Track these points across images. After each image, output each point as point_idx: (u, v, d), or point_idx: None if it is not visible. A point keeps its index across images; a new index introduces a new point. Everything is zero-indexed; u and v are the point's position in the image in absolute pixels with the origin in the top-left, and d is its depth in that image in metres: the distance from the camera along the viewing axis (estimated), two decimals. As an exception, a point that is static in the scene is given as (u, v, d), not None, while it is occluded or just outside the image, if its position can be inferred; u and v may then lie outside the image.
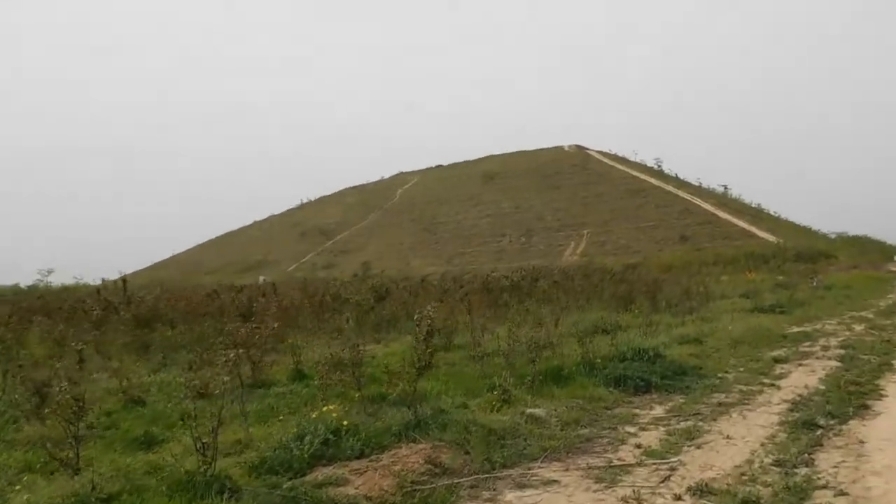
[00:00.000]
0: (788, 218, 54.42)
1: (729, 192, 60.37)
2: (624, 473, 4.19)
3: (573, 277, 19.71)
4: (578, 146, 77.61)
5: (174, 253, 78.91)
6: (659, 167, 67.38)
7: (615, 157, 71.83)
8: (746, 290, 19.70)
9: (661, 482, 3.98)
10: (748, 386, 6.76)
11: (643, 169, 66.21)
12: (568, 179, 65.59)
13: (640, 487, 3.88)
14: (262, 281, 37.03)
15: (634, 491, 3.82)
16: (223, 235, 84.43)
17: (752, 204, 57.51)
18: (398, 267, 46.59)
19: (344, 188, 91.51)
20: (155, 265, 72.33)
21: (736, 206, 54.86)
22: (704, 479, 3.92)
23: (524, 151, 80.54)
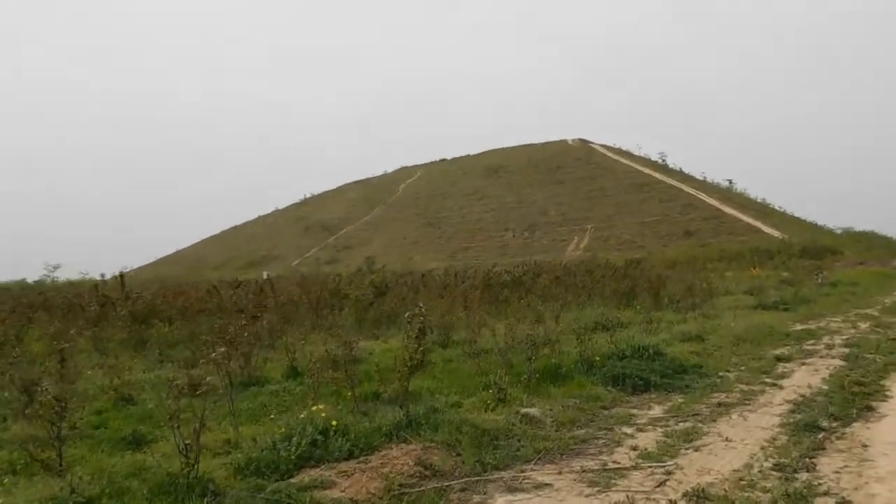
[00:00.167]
0: (794, 213, 54.08)
1: (734, 186, 60.06)
2: (618, 477, 4.07)
3: (575, 273, 19.53)
4: (582, 140, 77.23)
5: (179, 249, 79.20)
6: (663, 161, 67.03)
7: (619, 150, 71.41)
8: (751, 286, 19.53)
9: (656, 487, 3.86)
10: (749, 385, 6.63)
11: (647, 163, 65.82)
12: (571, 173, 65.28)
13: (634, 492, 3.77)
14: (266, 276, 37.04)
15: (628, 496, 3.71)
16: (227, 231, 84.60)
17: (757, 199, 57.14)
18: (402, 262, 46.54)
19: (347, 183, 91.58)
20: (159, 261, 72.63)
21: (741, 200, 54.46)
22: (701, 484, 3.80)
23: (528, 145, 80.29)
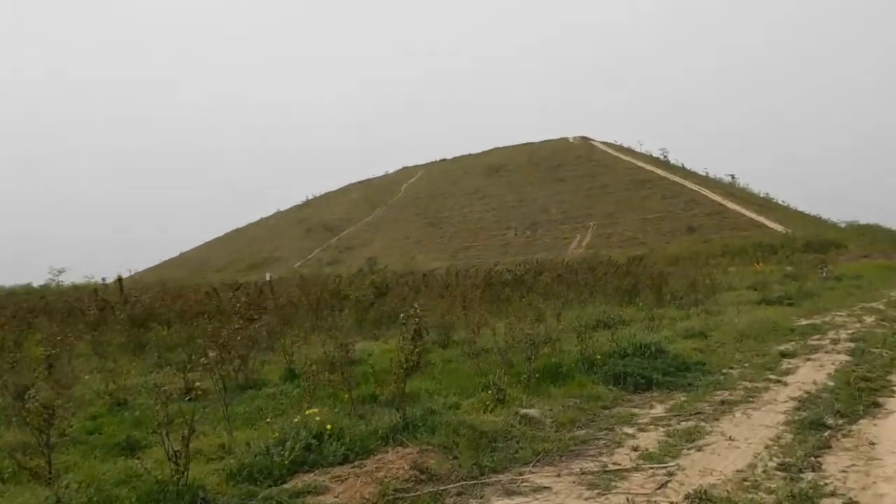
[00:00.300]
0: (797, 207, 53.79)
1: (736, 181, 59.79)
2: (619, 479, 3.98)
3: (577, 271, 19.42)
4: (583, 137, 77.01)
5: (182, 252, 79.28)
6: (665, 157, 66.81)
7: (620, 147, 71.19)
8: (754, 281, 19.36)
9: (657, 489, 3.76)
10: (753, 382, 6.52)
11: (649, 160, 65.60)
12: (572, 171, 65.11)
13: (634, 495, 3.68)
14: (268, 278, 37.02)
15: (629, 499, 3.61)
16: (230, 233, 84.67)
17: (760, 194, 56.88)
18: (404, 262, 46.48)
19: (349, 183, 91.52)
20: (163, 264, 72.67)
21: (744, 195, 54.22)
22: (703, 485, 3.70)
23: (529, 143, 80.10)
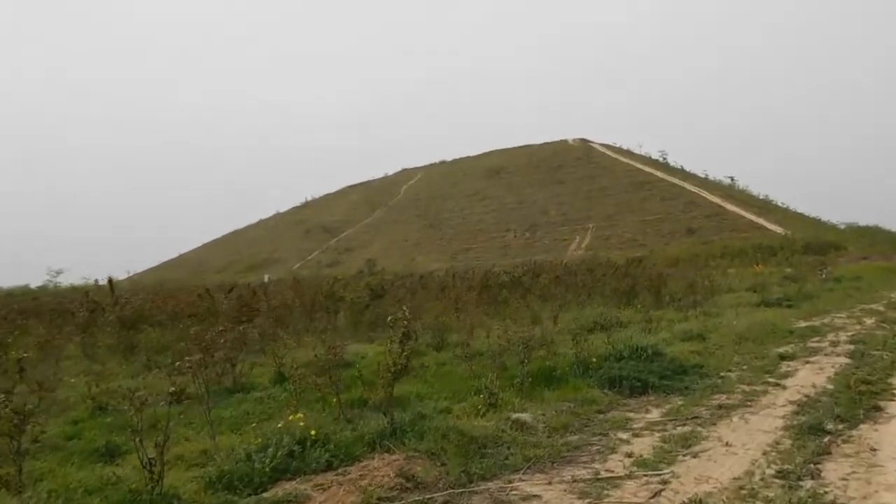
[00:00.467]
0: (797, 209, 53.71)
1: (736, 183, 59.70)
2: (611, 487, 3.83)
3: (575, 272, 19.28)
4: (583, 139, 76.94)
5: (181, 253, 79.15)
6: (664, 159, 66.71)
7: (619, 149, 71.12)
8: (754, 283, 19.23)
9: (650, 498, 3.62)
10: (751, 386, 6.38)
11: (648, 161, 65.52)
12: (572, 173, 65.01)
13: (627, 503, 3.54)
14: (266, 279, 36.89)
15: (621, 508, 3.47)
16: (229, 234, 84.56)
17: (759, 195, 56.80)
18: (403, 263, 46.32)
19: (348, 185, 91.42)
20: (162, 265, 72.52)
21: (743, 197, 54.12)
22: (699, 494, 3.56)
23: (528, 145, 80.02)
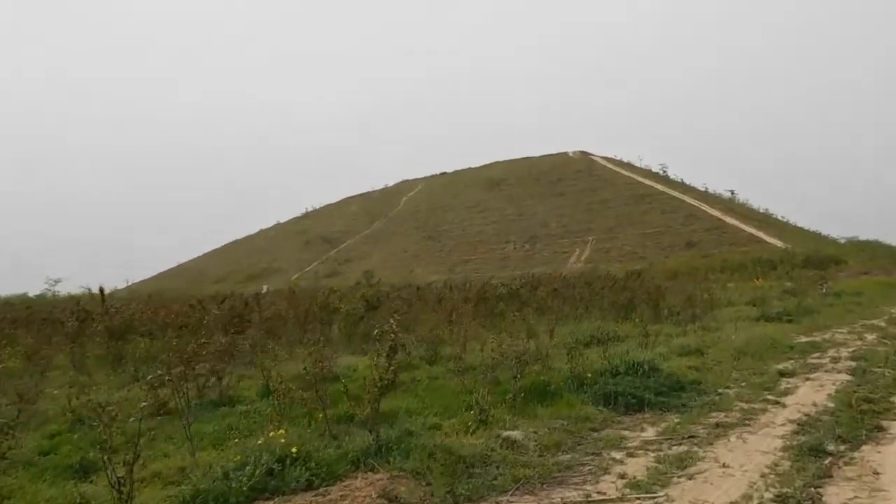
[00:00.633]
0: (797, 223, 53.66)
1: (736, 197, 59.75)
2: (602, 511, 3.67)
3: (574, 285, 19.11)
4: (583, 152, 77.13)
5: (181, 262, 79.06)
6: (664, 173, 66.83)
7: (620, 162, 71.25)
8: (753, 297, 19.08)
9: (642, 523, 3.46)
10: (750, 403, 6.21)
11: (648, 174, 65.60)
12: (572, 186, 65.07)
13: (618, 530, 3.37)
14: (265, 290, 36.76)
15: (611, 535, 3.30)
16: (229, 244, 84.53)
17: (759, 209, 56.78)
18: (402, 275, 46.12)
19: (348, 196, 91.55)
20: (161, 274, 72.41)
21: (743, 211, 54.09)
22: (693, 519, 3.40)
23: (529, 158, 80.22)
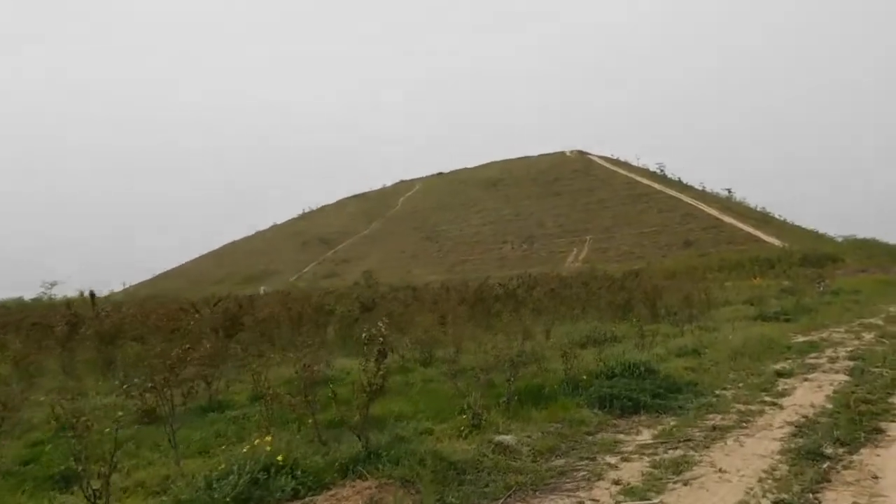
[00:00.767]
0: (794, 221, 53.66)
1: (733, 195, 59.79)
2: (595, 519, 3.57)
3: (571, 285, 19.03)
4: (580, 151, 77.12)
5: (179, 264, 78.88)
6: (661, 172, 66.86)
7: (617, 161, 71.25)
8: (751, 296, 19.01)
9: (636, 532, 3.36)
10: (747, 405, 6.11)
11: (645, 173, 65.62)
12: (569, 185, 65.04)
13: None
14: (262, 292, 36.59)
15: (603, 545, 3.20)
16: (227, 245, 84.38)
17: (756, 208, 56.80)
18: (400, 275, 45.99)
19: (346, 197, 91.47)
20: (159, 276, 72.22)
21: (740, 209, 54.10)
22: (688, 528, 3.30)
23: (526, 157, 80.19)
